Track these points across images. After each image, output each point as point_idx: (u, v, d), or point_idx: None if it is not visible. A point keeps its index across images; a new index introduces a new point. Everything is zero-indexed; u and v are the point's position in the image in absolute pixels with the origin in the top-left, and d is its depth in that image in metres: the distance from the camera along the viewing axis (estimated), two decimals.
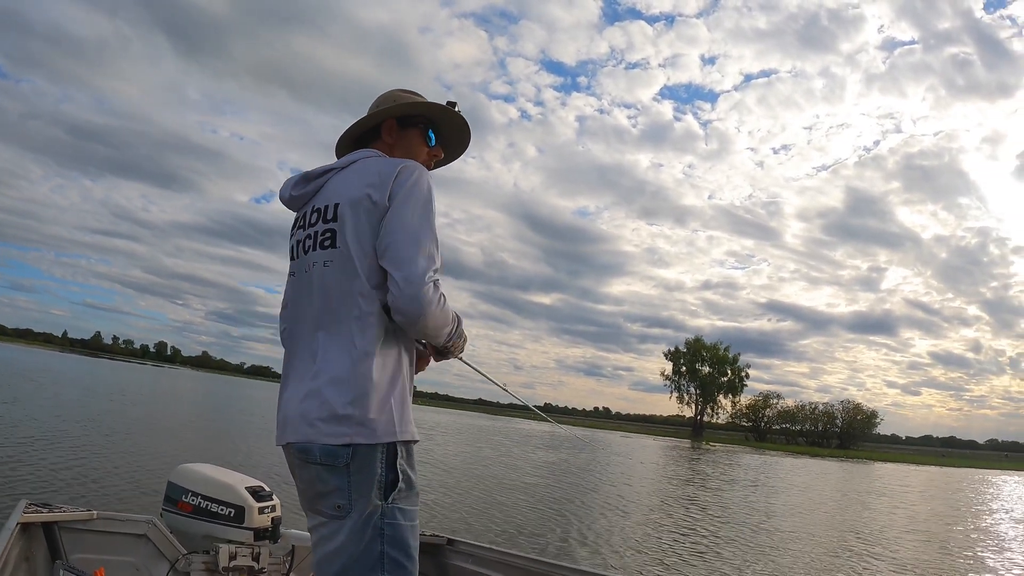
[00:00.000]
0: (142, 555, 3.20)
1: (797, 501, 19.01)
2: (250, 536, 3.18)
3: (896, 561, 10.04)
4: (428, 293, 1.60)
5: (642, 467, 26.81)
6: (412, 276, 1.60)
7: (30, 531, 2.86)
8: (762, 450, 64.58)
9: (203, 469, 3.39)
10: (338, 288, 1.69)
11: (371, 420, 1.58)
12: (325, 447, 1.58)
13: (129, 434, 15.70)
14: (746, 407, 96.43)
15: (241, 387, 79.77)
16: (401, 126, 1.92)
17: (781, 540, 11.11)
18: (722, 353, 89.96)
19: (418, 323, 1.62)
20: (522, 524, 10.01)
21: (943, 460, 78.89)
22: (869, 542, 11.67)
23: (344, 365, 1.62)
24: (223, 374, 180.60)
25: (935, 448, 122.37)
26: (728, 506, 15.57)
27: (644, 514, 12.77)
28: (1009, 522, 17.60)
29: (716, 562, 8.68)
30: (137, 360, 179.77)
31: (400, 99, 1.94)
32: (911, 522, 15.61)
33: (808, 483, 26.58)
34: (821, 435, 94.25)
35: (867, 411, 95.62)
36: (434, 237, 1.67)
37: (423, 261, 1.62)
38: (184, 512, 3.23)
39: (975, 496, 27.26)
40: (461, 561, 3.22)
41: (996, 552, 11.96)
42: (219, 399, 44.54)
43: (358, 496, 1.56)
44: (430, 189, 1.72)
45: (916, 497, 24.52)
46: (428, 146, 1.96)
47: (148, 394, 37.62)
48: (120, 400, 27.82)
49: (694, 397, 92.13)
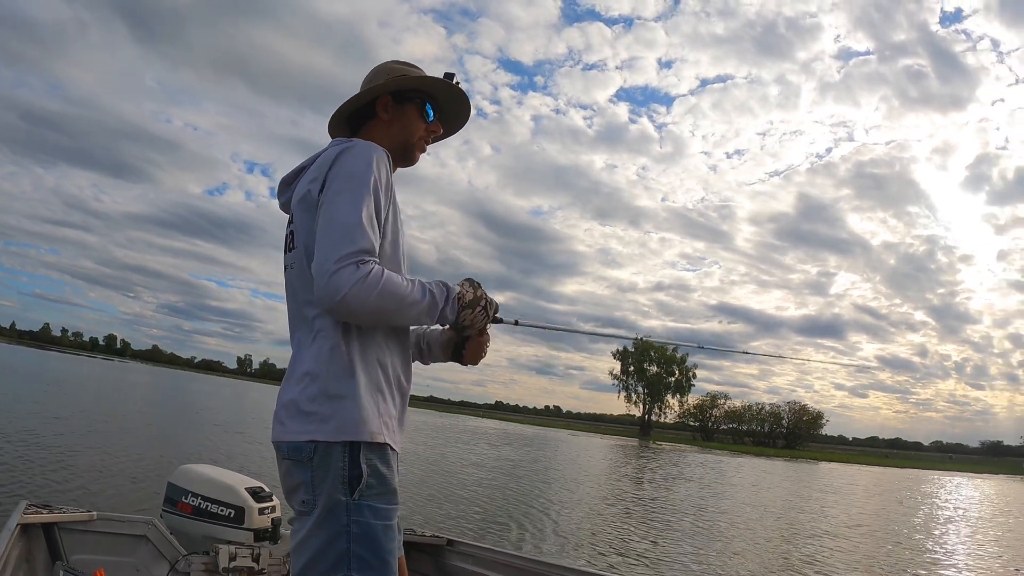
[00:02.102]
0: (142, 556, 3.30)
1: (730, 496, 20.13)
2: (250, 537, 3.27)
3: (815, 551, 10.62)
4: (341, 276, 1.50)
5: (581, 464, 27.53)
6: (320, 262, 1.54)
7: (30, 532, 2.94)
8: (708, 449, 66.07)
9: (203, 470, 3.48)
10: (300, 290, 1.72)
11: (331, 416, 1.58)
12: (290, 443, 1.61)
13: (128, 434, 15.96)
14: (694, 407, 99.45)
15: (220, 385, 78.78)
16: (397, 101, 1.87)
17: (701, 529, 11.99)
18: (670, 353, 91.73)
19: (341, 311, 1.53)
20: (470, 515, 10.56)
21: (886, 460, 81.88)
22: (790, 534, 12.29)
23: (309, 364, 1.64)
24: (174, 368, 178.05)
25: (880, 449, 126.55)
26: (660, 501, 16.36)
27: (576, 504, 13.59)
28: (927, 518, 18.48)
29: (642, 549, 9.18)
30: (86, 353, 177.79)
31: (394, 71, 1.88)
32: (823, 517, 16.33)
33: (742, 480, 27.79)
34: (767, 435, 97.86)
35: (813, 412, 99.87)
36: (360, 214, 1.57)
37: (337, 242, 1.54)
38: (184, 513, 3.31)
39: (904, 493, 28.60)
40: (461, 562, 3.35)
41: (914, 545, 12.64)
42: (217, 399, 44.99)
43: (321, 491, 1.57)
44: (367, 165, 1.63)
45: (846, 494, 25.81)
46: (426, 121, 1.90)
47: (137, 392, 37.99)
48: (115, 399, 28.38)
49: (642, 396, 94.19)
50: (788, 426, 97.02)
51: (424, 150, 1.94)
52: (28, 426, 14.06)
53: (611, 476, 23.50)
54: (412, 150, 1.90)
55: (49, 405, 20.41)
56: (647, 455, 42.06)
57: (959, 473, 64.46)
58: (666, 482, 22.82)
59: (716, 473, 30.53)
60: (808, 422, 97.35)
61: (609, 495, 16.51)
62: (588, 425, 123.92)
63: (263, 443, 16.69)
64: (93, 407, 23.12)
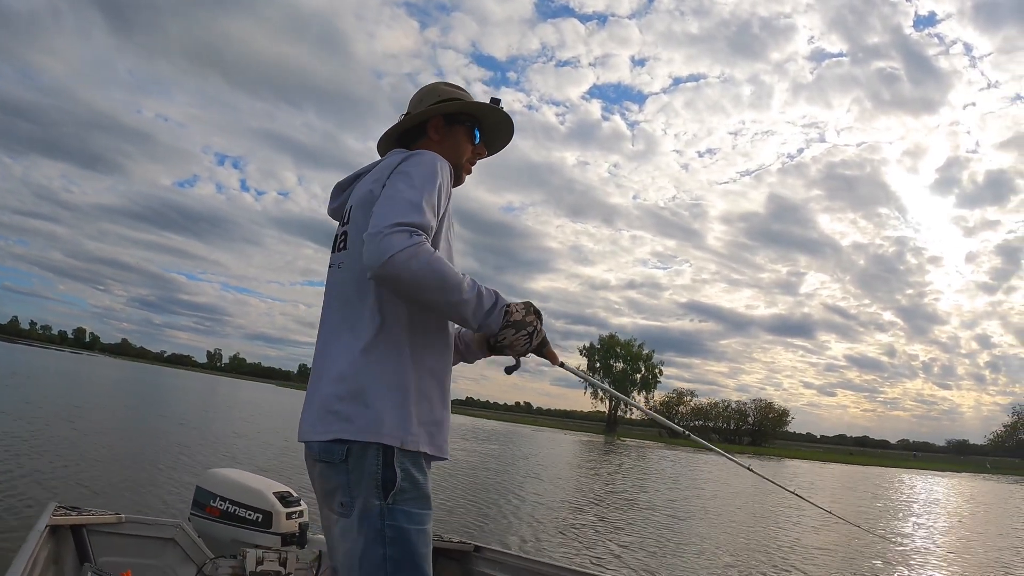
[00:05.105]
0: (169, 559, 3.41)
1: (680, 489, 21.07)
2: (277, 541, 3.34)
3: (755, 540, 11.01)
4: (393, 239, 1.52)
5: (539, 459, 28.07)
6: (373, 225, 1.57)
7: (59, 533, 3.05)
8: (673, 446, 66.79)
9: (231, 474, 3.57)
10: (345, 288, 1.79)
11: (361, 417, 1.63)
12: (322, 444, 1.66)
13: (156, 437, 16.30)
14: (660, 403, 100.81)
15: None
16: (447, 123, 1.99)
17: (637, 519, 12.69)
18: (636, 350, 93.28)
19: (386, 273, 1.52)
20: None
21: (851, 458, 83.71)
22: (732, 525, 12.70)
23: (342, 364, 1.69)
24: (143, 362, 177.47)
25: (847, 447, 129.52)
26: (602, 493, 17.04)
27: (522, 495, 14.29)
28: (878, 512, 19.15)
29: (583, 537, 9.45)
30: (55, 347, 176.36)
31: (445, 94, 2.00)
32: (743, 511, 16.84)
33: (696, 475, 28.28)
34: (734, 432, 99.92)
35: (779, 409, 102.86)
36: (421, 196, 1.64)
37: (394, 210, 1.58)
38: (212, 516, 3.40)
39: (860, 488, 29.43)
40: (488, 568, 3.45)
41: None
42: (249, 402, 45.42)
43: (357, 493, 1.62)
44: (434, 165, 1.73)
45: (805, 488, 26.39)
46: (473, 144, 2.03)
47: (158, 393, 39.11)
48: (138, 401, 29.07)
49: (608, 393, 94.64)
50: (754, 423, 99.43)
51: (470, 172, 2.08)
52: (55, 427, 14.28)
53: (566, 470, 24.27)
54: (460, 171, 2.01)
55: (74, 406, 20.73)
56: (608, 451, 42.75)
57: (922, 471, 66.21)
58: (614, 476, 23.63)
59: (661, 467, 31.10)
60: (774, 419, 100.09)
61: (557, 488, 17.13)
62: (557, 421, 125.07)
63: (288, 446, 17.32)
64: (118, 406, 23.92)
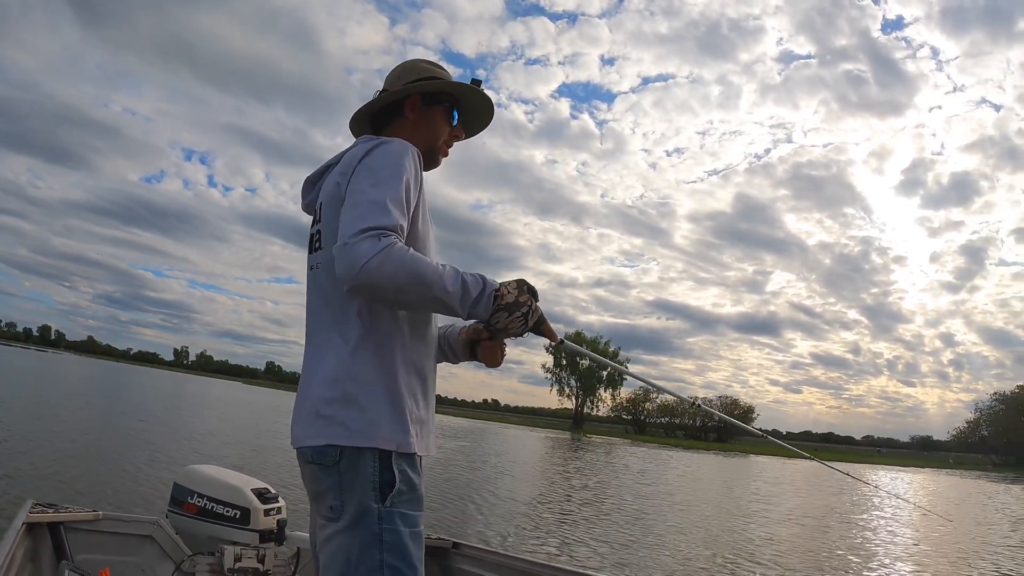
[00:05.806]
0: (147, 556, 3.43)
1: (640, 483, 21.97)
2: (255, 538, 3.34)
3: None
4: (362, 247, 1.48)
5: (504, 456, 28.59)
6: (341, 236, 1.53)
7: (36, 531, 3.06)
8: (639, 442, 67.49)
9: (209, 471, 3.57)
10: (326, 290, 1.73)
11: (356, 421, 1.59)
12: (313, 448, 1.62)
13: (131, 435, 16.45)
14: (626, 400, 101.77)
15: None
16: (425, 103, 1.91)
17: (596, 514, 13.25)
18: (602, 347, 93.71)
19: (363, 283, 1.48)
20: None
21: (814, 453, 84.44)
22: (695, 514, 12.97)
23: (331, 366, 1.65)
24: (109, 360, 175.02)
25: (812, 443, 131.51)
26: (581, 489, 17.69)
27: (476, 487, 14.98)
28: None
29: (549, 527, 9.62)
30: (20, 344, 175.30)
31: (424, 72, 1.94)
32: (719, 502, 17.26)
33: (663, 470, 28.84)
34: (699, 429, 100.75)
35: (744, 406, 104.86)
36: (386, 196, 1.57)
37: (359, 216, 1.53)
38: (190, 513, 3.40)
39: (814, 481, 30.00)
40: (467, 565, 3.47)
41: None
42: (220, 400, 45.33)
43: (350, 496, 1.57)
44: (399, 158, 1.65)
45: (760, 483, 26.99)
46: (451, 125, 1.95)
47: (133, 391, 39.00)
48: (112, 397, 29.62)
49: (574, 390, 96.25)
50: (719, 420, 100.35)
51: (447, 154, 2.00)
52: (27, 425, 14.30)
53: (537, 466, 24.79)
54: (436, 153, 1.95)
55: (50, 404, 20.74)
56: (575, 447, 43.20)
57: (887, 467, 67.47)
58: (582, 471, 24.15)
59: (627, 463, 31.43)
60: (739, 416, 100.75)
61: (529, 484, 17.70)
62: (524, 419, 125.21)
63: (267, 444, 17.61)
64: (94, 404, 23.93)
